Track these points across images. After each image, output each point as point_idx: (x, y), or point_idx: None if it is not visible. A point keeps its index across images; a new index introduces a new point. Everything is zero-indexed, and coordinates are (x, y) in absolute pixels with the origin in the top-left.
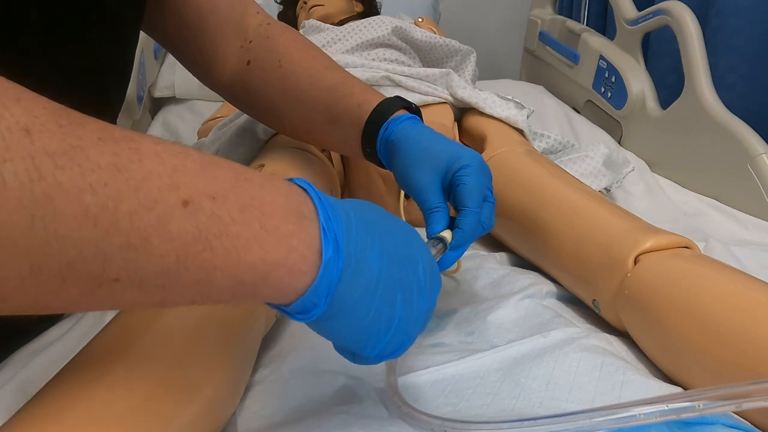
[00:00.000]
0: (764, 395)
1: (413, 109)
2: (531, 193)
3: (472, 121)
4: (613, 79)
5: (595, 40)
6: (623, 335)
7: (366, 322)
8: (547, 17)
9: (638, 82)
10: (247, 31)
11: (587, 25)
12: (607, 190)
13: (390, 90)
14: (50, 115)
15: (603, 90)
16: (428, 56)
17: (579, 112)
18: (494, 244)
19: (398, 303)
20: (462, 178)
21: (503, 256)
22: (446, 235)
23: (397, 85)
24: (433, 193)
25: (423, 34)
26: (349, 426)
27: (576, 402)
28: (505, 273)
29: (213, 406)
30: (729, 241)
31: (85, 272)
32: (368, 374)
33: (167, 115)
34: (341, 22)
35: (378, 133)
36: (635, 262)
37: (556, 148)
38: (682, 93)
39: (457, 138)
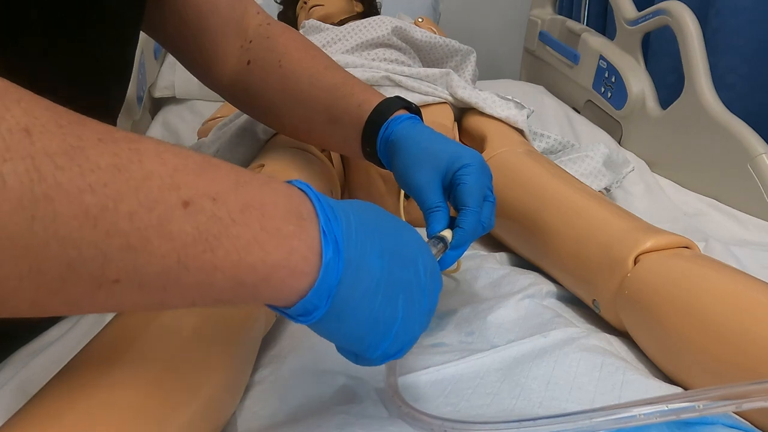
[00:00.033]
0: (764, 395)
1: (413, 109)
2: (531, 193)
3: (472, 121)
4: (613, 79)
5: (595, 40)
6: (623, 335)
7: (368, 323)
8: (547, 17)
9: (638, 82)
10: (247, 31)
11: (587, 25)
12: (607, 190)
13: (390, 90)
14: (50, 116)
15: (603, 90)
16: (428, 56)
17: (579, 112)
18: (494, 244)
19: (400, 303)
20: (462, 178)
21: (503, 256)
22: (446, 234)
23: (397, 85)
24: (433, 193)
25: (423, 34)
26: (349, 426)
27: (576, 402)
28: (505, 273)
29: (213, 406)
30: (729, 241)
31: (85, 273)
32: (368, 374)
33: (167, 115)
34: (341, 22)
35: (378, 133)
36: (635, 262)
37: (556, 148)
38: (682, 93)
39: (457, 138)
